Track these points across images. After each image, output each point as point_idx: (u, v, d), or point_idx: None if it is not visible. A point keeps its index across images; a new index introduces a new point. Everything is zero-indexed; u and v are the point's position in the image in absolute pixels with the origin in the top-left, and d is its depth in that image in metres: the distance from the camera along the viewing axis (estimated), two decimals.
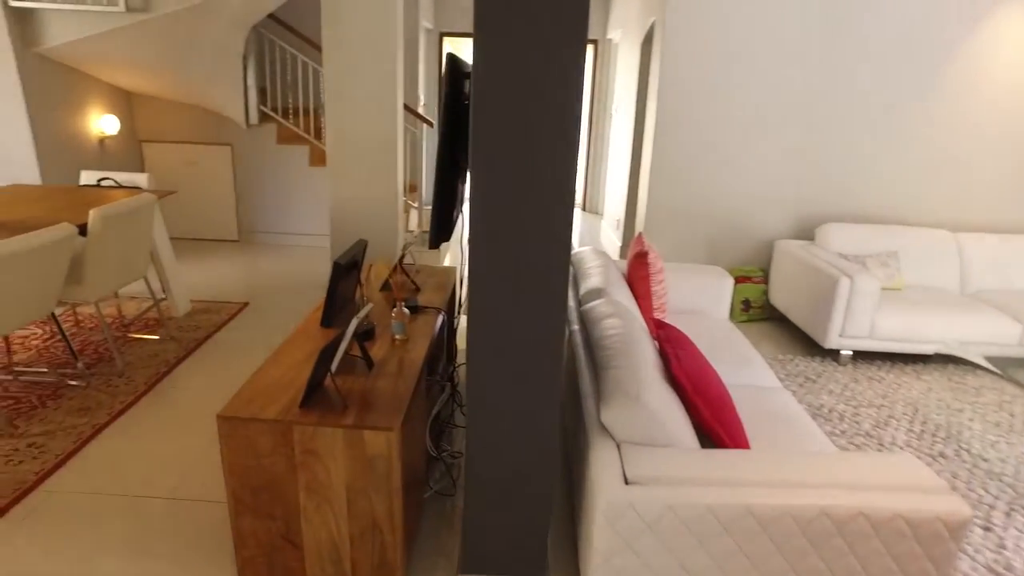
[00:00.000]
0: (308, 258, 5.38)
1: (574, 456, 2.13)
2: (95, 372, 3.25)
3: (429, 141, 6.30)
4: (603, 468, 1.67)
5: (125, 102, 5.31)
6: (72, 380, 3.16)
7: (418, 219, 5.80)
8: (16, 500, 2.35)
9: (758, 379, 2.71)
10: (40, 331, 3.71)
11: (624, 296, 2.74)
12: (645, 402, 1.74)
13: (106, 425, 2.80)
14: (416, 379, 1.99)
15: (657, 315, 2.98)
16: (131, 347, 3.54)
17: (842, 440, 2.83)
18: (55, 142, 4.58)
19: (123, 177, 3.98)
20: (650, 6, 4.65)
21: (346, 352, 2.06)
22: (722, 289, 3.41)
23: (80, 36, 4.23)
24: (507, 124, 1.55)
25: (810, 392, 3.31)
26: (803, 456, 1.75)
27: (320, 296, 4.49)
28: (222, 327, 3.87)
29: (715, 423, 1.88)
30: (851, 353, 3.66)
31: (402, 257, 2.86)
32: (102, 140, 5.02)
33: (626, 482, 1.63)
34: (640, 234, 3.18)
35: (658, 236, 4.39)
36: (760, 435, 2.16)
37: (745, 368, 2.74)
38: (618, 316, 2.26)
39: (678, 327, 3.05)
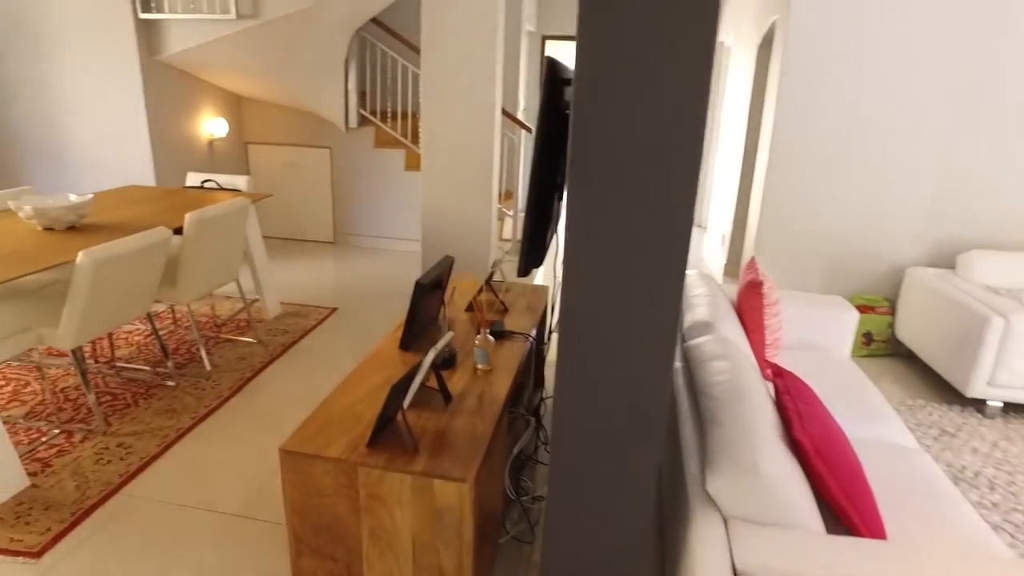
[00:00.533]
0: (400, 263, 5.34)
1: (670, 524, 1.86)
2: (185, 373, 3.28)
3: (527, 147, 6.14)
4: (706, 550, 1.41)
5: (235, 106, 5.48)
6: (164, 380, 3.21)
7: (512, 227, 5.65)
8: (101, 502, 2.36)
9: (888, 434, 2.33)
10: (144, 327, 3.83)
11: (734, 330, 2.44)
12: (762, 472, 1.46)
13: (189, 430, 2.80)
14: (497, 418, 1.80)
15: (770, 352, 2.65)
16: (221, 348, 3.58)
17: (995, 516, 2.39)
18: (169, 144, 4.76)
19: (224, 179, 4.06)
20: (770, 5, 4.27)
21: (422, 383, 1.90)
22: (845, 324, 3.01)
23: (196, 43, 4.36)
24: (614, 136, 1.32)
25: (948, 448, 2.86)
26: (966, 559, 1.41)
27: (407, 305, 4.41)
28: (309, 332, 3.85)
29: (844, 499, 1.57)
30: (1001, 405, 3.15)
31: (491, 275, 2.69)
32: (211, 142, 5.19)
33: (734, 572, 1.36)
34: (753, 259, 2.85)
35: (769, 256, 4.00)
36: (895, 511, 1.81)
37: (873, 420, 2.37)
38: (728, 358, 1.97)
39: (794, 366, 2.70)
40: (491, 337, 2.11)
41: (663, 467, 2.24)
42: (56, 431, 2.76)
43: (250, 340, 3.69)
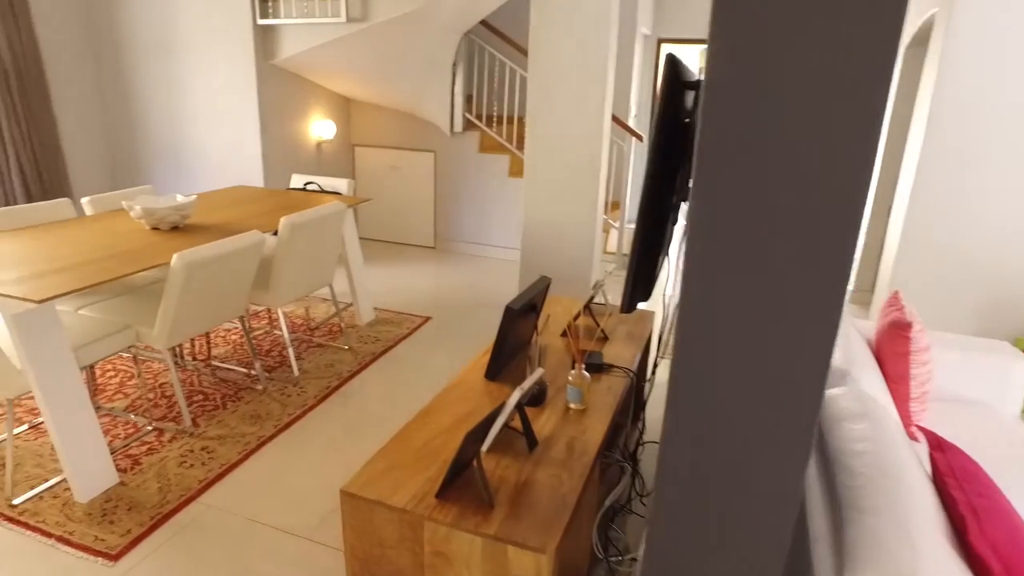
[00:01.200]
0: (500, 272, 5.19)
1: None
2: (273, 377, 3.26)
3: (638, 156, 5.83)
4: None
5: (343, 108, 5.54)
6: (253, 382, 3.20)
7: (618, 240, 5.37)
8: (178, 508, 2.32)
9: None
10: (241, 326, 3.89)
11: (872, 378, 2.06)
12: None
13: (270, 439, 2.74)
14: (588, 471, 1.56)
15: (915, 408, 2.23)
16: (311, 353, 3.55)
17: None
18: (279, 146, 4.86)
19: (326, 182, 4.05)
20: None
21: (505, 423, 1.69)
22: (1011, 375, 2.52)
23: (308, 47, 4.41)
24: (751, 150, 1.05)
25: None
26: None
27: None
28: (401, 342, 3.76)
29: None
30: None
31: (592, 297, 2.44)
32: (319, 144, 5.27)
33: None
34: (897, 294, 2.44)
35: (912, 287, 3.49)
36: None
37: None
38: (870, 420, 1.63)
39: (947, 428, 2.27)
40: (586, 373, 1.87)
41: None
42: (150, 428, 2.78)
43: (341, 346, 3.64)
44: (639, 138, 4.98)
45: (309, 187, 4.07)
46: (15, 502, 2.32)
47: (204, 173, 4.96)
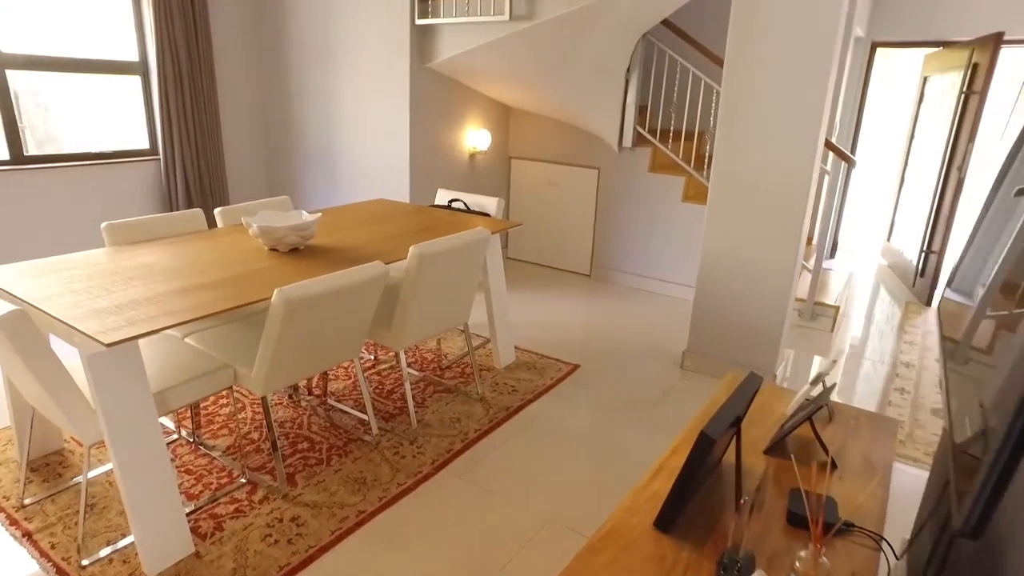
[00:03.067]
0: (664, 312, 4.44)
1: None
2: (391, 428, 2.79)
3: (842, 179, 4.79)
4: None
5: (501, 117, 5.08)
6: (366, 432, 2.75)
7: (811, 285, 4.39)
8: None
9: None
10: (367, 355, 3.49)
11: None
12: None
13: (372, 516, 2.25)
14: None
15: None
16: (437, 400, 3.04)
17: None
18: (429, 156, 4.49)
19: (473, 200, 3.56)
20: None
21: None
22: None
23: (468, 48, 3.97)
24: None
25: None
26: None
27: (669, 377, 3.50)
28: (541, 396, 3.15)
29: None
30: None
31: (819, 406, 1.66)
32: (473, 155, 4.84)
33: None
34: None
35: None
36: None
37: None
38: None
39: None
40: (825, 560, 1.12)
41: None
42: (243, 480, 2.40)
43: (472, 394, 3.11)
44: (849, 161, 3.99)
45: (454, 205, 3.60)
46: (84, 562, 2.00)
47: (352, 182, 4.71)
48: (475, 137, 4.78)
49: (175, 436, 2.64)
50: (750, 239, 3.19)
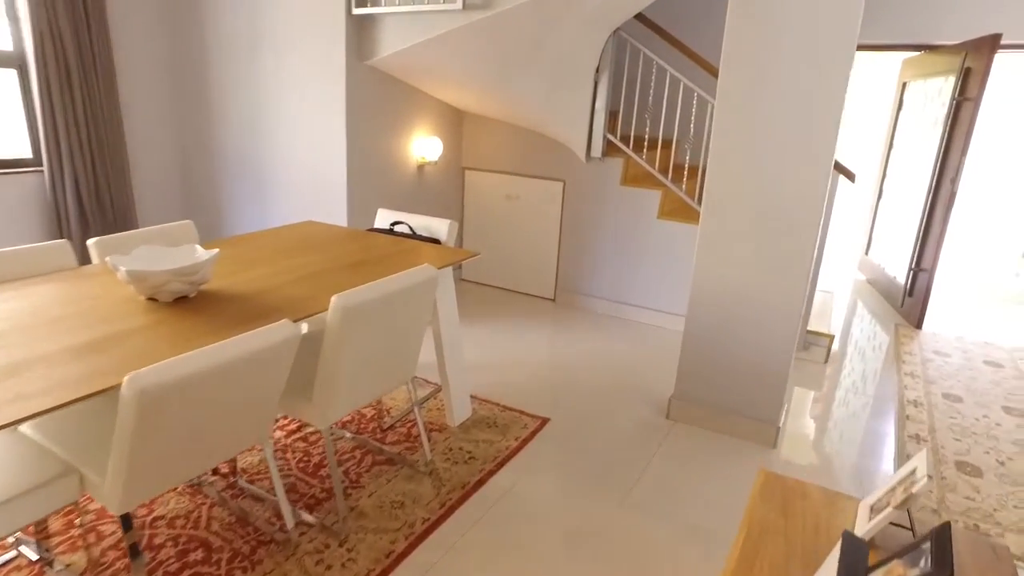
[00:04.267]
0: (643, 343, 3.94)
1: None
2: (315, 522, 2.18)
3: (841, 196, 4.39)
4: None
5: (454, 123, 4.51)
6: (282, 527, 2.14)
7: (804, 312, 3.93)
8: None
9: None
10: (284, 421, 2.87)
11: None
12: None
13: None
14: None
15: None
16: (375, 476, 2.45)
17: None
18: (370, 167, 3.88)
19: (420, 221, 2.98)
20: None
21: None
22: None
23: (414, 42, 3.39)
24: None
25: None
26: None
27: (662, 440, 2.98)
28: (504, 464, 2.59)
29: None
30: None
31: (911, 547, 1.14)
32: (421, 166, 4.26)
33: None
34: None
35: None
36: None
37: None
38: None
39: None
40: None
41: None
42: None
43: (420, 466, 2.53)
44: (850, 177, 3.57)
45: (397, 228, 3.01)
46: None
47: (282, 200, 4.06)
48: (424, 146, 4.20)
49: (12, 554, 1.98)
50: (751, 268, 2.70)
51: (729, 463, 2.70)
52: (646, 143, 3.96)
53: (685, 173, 3.85)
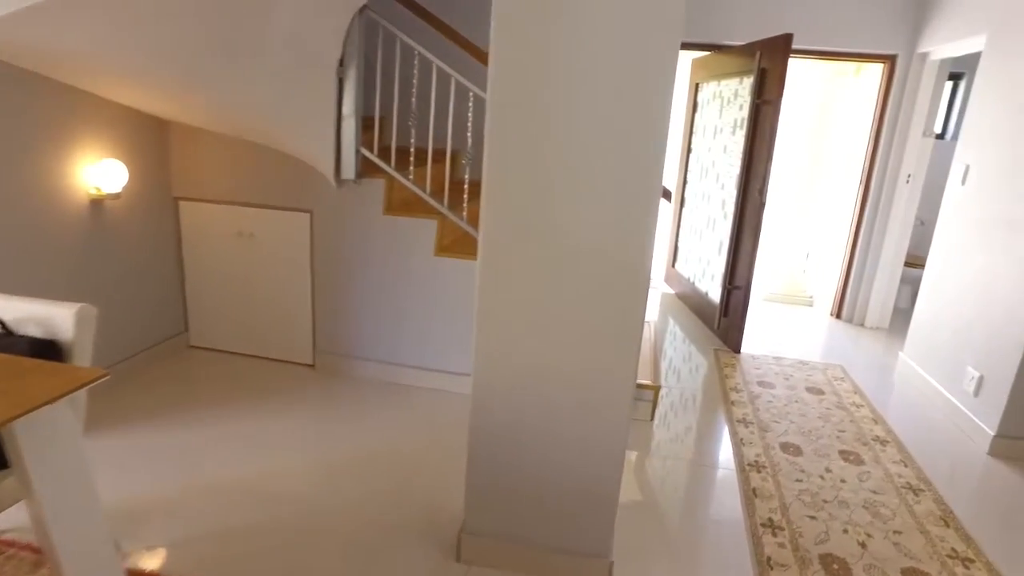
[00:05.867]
0: (431, 420, 3.02)
1: None
2: None
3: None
4: None
5: (156, 138, 3.23)
6: None
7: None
8: None
9: None
10: None
11: None
12: None
13: None
14: None
15: None
16: None
17: None
18: (9, 202, 2.53)
19: (23, 310, 1.75)
20: None
21: None
22: None
23: (19, 6, 2.11)
24: None
25: None
26: None
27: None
28: None
29: None
30: None
31: None
32: (97, 201, 2.93)
33: None
34: None
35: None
36: None
37: None
38: None
39: None
40: None
41: None
42: None
43: None
44: (666, 196, 2.92)
45: None
46: None
47: None
48: (102, 171, 2.89)
49: None
50: (557, 338, 1.85)
51: None
52: (413, 158, 3.01)
53: (466, 195, 2.96)
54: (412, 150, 3.01)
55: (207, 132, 3.23)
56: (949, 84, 5.22)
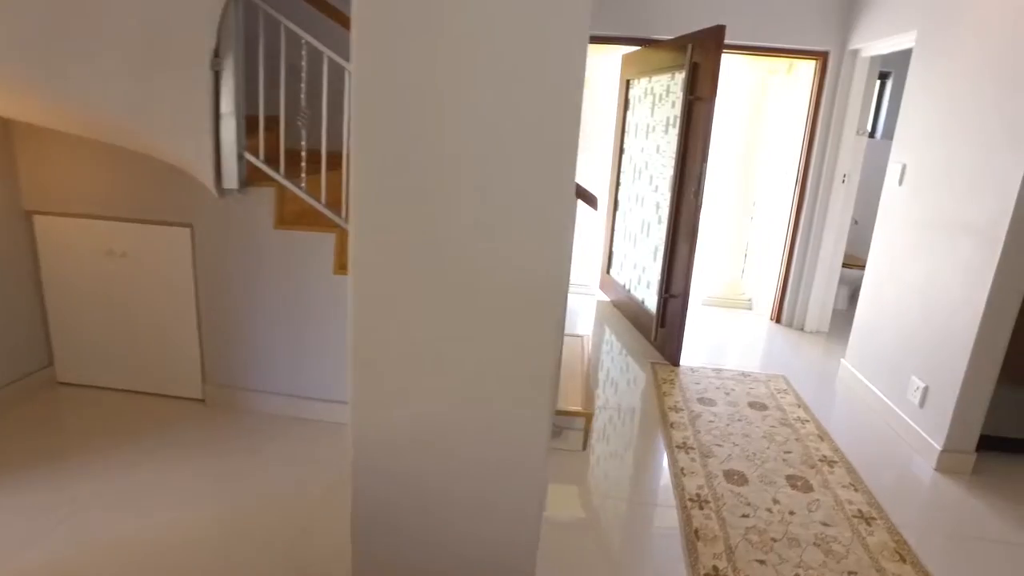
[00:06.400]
0: (342, 453, 2.63)
1: None
2: None
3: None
4: None
5: None
6: None
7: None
8: None
9: None
10: None
11: None
12: None
13: None
14: None
15: None
16: None
17: None
18: None
19: None
20: None
21: None
22: None
23: None
24: None
25: None
26: None
27: None
28: None
29: None
30: None
31: None
32: None
33: None
34: None
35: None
36: None
37: None
38: None
39: None
40: None
41: None
42: None
43: None
44: (591, 203, 2.62)
45: None
46: None
47: None
48: None
49: None
50: (450, 378, 1.52)
51: None
52: (304, 163, 2.62)
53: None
54: (303, 154, 2.61)
55: (62, 134, 2.75)
56: (877, 83, 5.15)
